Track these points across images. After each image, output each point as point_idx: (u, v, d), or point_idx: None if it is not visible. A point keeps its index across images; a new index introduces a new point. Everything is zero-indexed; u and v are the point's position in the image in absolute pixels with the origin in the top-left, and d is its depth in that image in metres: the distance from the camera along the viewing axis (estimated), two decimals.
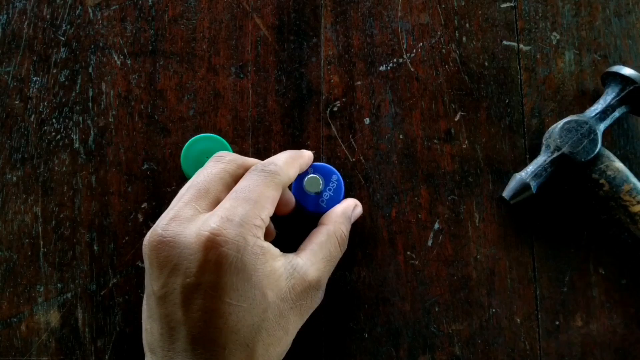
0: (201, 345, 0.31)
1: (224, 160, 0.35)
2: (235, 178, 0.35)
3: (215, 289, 0.31)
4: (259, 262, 0.32)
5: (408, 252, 0.42)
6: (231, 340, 0.31)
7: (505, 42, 0.45)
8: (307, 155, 0.39)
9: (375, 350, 0.41)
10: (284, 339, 0.33)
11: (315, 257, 0.35)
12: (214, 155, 0.36)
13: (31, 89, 0.43)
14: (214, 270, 0.30)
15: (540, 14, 0.46)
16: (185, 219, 0.32)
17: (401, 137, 0.44)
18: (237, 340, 0.31)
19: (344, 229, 0.38)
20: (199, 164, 0.40)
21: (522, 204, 0.42)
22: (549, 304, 0.42)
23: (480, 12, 0.45)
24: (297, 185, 0.40)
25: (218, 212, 0.32)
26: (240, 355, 0.31)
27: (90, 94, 0.43)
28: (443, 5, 0.45)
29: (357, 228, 0.42)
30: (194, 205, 0.33)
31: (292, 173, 0.36)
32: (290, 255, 0.35)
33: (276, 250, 0.34)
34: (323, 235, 0.37)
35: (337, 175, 0.40)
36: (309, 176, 0.40)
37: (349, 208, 0.39)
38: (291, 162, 0.37)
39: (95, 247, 0.42)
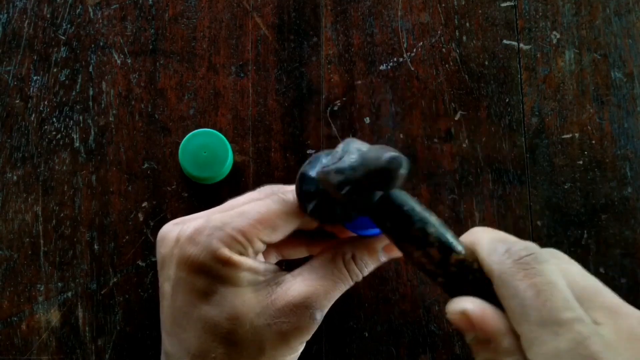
0: (171, 339, 0.31)
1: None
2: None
3: (184, 284, 0.30)
4: (224, 270, 0.30)
5: None
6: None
7: (505, 41, 0.45)
8: None
9: (376, 350, 0.41)
10: (258, 359, 0.30)
11: (309, 274, 0.32)
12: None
13: (31, 88, 0.43)
14: (183, 267, 0.30)
15: (540, 13, 0.46)
16: (188, 220, 0.32)
17: (401, 136, 0.44)
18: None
19: (360, 257, 0.33)
20: (197, 158, 0.40)
21: (521, 203, 0.42)
22: None
23: (480, 11, 0.45)
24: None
25: (204, 217, 0.31)
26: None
27: (91, 93, 0.43)
28: (443, 5, 0.45)
29: None
30: (213, 210, 0.33)
31: None
32: (283, 271, 0.33)
33: (258, 265, 0.31)
34: (329, 254, 0.33)
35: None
36: None
37: (380, 243, 0.33)
38: None
39: (95, 246, 0.42)
